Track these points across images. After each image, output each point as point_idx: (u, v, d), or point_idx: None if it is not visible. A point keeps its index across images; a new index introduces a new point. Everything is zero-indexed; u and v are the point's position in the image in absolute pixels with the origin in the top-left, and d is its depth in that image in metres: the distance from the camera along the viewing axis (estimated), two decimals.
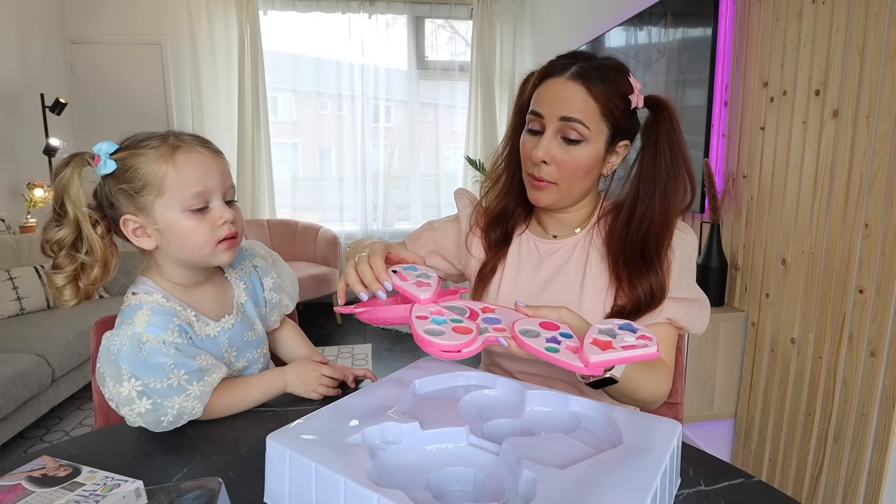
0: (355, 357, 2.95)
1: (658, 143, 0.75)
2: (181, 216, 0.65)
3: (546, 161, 0.75)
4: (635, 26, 2.24)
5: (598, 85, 0.73)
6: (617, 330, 0.56)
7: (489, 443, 0.50)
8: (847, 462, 1.33)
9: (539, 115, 0.76)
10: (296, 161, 3.97)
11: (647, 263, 0.75)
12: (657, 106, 0.77)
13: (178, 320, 0.68)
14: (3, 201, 2.91)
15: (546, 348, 0.54)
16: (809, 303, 1.45)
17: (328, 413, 0.55)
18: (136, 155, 0.64)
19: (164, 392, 0.64)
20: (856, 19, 1.27)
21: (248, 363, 0.78)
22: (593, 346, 0.53)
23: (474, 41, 3.82)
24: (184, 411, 0.65)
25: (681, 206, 0.76)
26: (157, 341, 0.65)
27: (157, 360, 0.64)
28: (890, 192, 1.20)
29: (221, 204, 0.67)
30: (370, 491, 0.41)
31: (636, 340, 0.54)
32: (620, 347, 0.53)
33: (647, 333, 0.55)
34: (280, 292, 0.85)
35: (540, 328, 0.58)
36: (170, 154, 0.64)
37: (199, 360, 0.68)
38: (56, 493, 0.44)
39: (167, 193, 0.64)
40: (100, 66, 3.54)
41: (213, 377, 0.68)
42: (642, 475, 0.43)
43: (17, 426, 1.90)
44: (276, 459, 0.49)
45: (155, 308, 0.67)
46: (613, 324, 0.57)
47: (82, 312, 2.46)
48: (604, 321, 0.58)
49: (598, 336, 0.55)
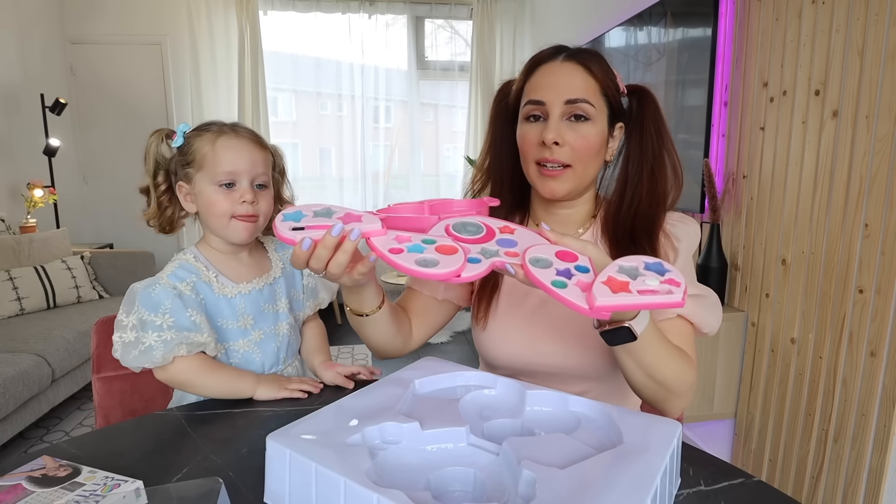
0: (355, 357, 2.95)
1: (644, 126, 0.76)
2: (212, 188, 0.76)
3: (558, 142, 0.72)
4: (635, 26, 2.24)
5: (594, 63, 0.73)
6: (641, 269, 0.49)
7: (489, 443, 0.50)
8: (847, 462, 1.33)
9: (540, 102, 0.73)
10: (296, 161, 3.97)
11: (637, 248, 0.74)
12: (640, 93, 0.78)
13: (196, 278, 0.77)
14: (3, 201, 2.91)
15: (552, 282, 0.48)
16: (809, 303, 1.45)
17: (328, 413, 0.55)
18: (197, 135, 0.77)
19: (148, 326, 0.71)
20: (856, 19, 1.27)
21: (264, 335, 0.82)
22: (605, 286, 0.46)
23: (474, 41, 3.82)
24: (151, 350, 0.71)
25: (668, 188, 0.76)
26: (168, 285, 0.75)
27: (159, 298, 0.73)
28: (890, 192, 1.20)
29: (248, 186, 0.77)
30: (370, 491, 0.40)
31: (659, 285, 0.46)
32: (636, 291, 0.46)
33: (675, 278, 0.47)
34: (317, 280, 0.90)
35: (555, 258, 0.51)
36: (215, 137, 0.76)
37: (192, 316, 0.74)
38: (56, 493, 0.44)
39: (205, 168, 0.76)
40: (100, 66, 3.54)
41: (193, 338, 0.73)
42: (642, 475, 0.42)
43: (17, 426, 1.90)
44: (276, 459, 0.49)
45: (182, 264, 0.79)
46: (639, 261, 0.50)
47: (82, 312, 2.46)
48: (629, 257, 0.51)
49: (614, 274, 0.48)
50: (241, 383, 0.76)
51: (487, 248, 0.53)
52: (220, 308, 0.78)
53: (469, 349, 3.06)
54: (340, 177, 3.95)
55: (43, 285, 2.49)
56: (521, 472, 0.43)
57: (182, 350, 0.72)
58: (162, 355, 0.71)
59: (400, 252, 0.50)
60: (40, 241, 2.65)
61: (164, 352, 0.71)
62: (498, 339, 0.81)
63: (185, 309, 0.74)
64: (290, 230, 0.53)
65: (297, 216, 0.55)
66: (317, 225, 0.53)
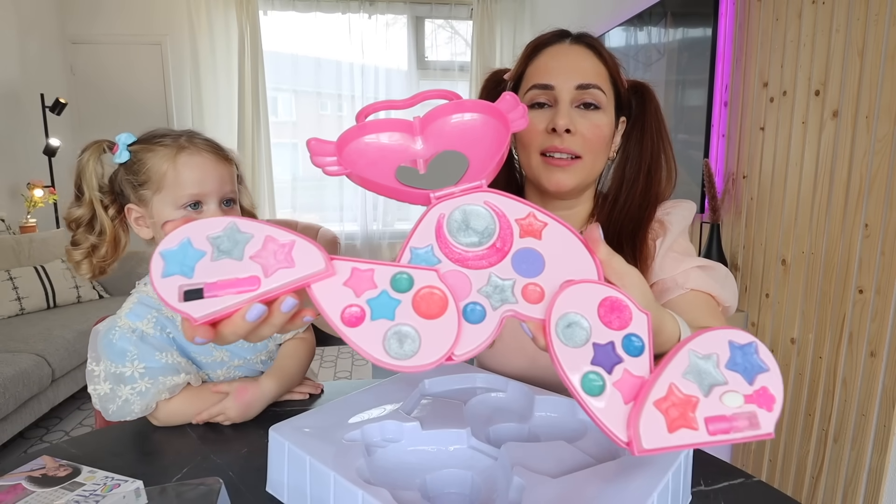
0: (355, 357, 2.95)
1: (645, 124, 0.73)
2: (174, 213, 0.67)
3: (570, 130, 0.66)
4: (635, 26, 2.24)
5: (603, 49, 0.69)
6: (722, 367, 0.32)
7: (489, 446, 0.50)
8: (847, 462, 1.33)
9: (548, 86, 0.67)
10: (296, 161, 3.97)
11: (621, 250, 0.69)
12: (642, 90, 0.74)
13: (158, 313, 0.69)
14: (3, 201, 2.91)
15: (583, 380, 0.32)
16: (809, 303, 1.45)
17: (333, 408, 0.55)
18: (147, 150, 0.68)
19: (120, 378, 0.65)
20: (856, 19, 1.27)
21: (244, 364, 0.77)
22: (659, 412, 0.31)
23: (474, 41, 3.82)
24: (128, 404, 0.65)
25: (662, 190, 0.73)
26: (128, 328, 0.67)
27: (121, 345, 0.66)
28: (890, 192, 1.20)
29: (216, 208, 0.69)
30: (356, 487, 0.41)
31: (742, 406, 0.31)
32: (703, 419, 0.31)
33: (769, 383, 0.32)
34: None
35: (597, 316, 0.34)
36: (174, 154, 0.67)
37: (163, 357, 0.67)
38: (56, 493, 0.44)
39: (164, 190, 0.67)
40: (100, 66, 3.54)
41: (170, 379, 0.66)
42: (638, 490, 0.41)
43: (17, 426, 1.90)
44: (277, 451, 0.50)
45: (141, 298, 0.70)
46: (722, 347, 0.32)
47: (82, 312, 2.46)
48: (703, 337, 0.33)
49: (678, 380, 0.32)
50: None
51: (496, 282, 0.35)
52: (188, 343, 0.67)
53: None
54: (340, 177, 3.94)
55: (43, 285, 2.49)
56: (512, 478, 0.43)
57: (164, 395, 0.66)
58: (142, 408, 0.65)
59: (358, 322, 0.33)
60: (40, 241, 2.65)
61: (143, 404, 0.65)
62: (495, 351, 0.77)
63: (154, 352, 0.66)
64: (182, 295, 0.33)
65: (184, 261, 0.33)
66: (222, 284, 0.33)
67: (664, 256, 0.71)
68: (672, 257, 0.71)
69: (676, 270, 0.69)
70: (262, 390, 0.70)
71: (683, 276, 0.68)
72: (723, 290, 0.68)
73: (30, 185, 2.87)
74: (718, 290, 0.68)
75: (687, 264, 0.69)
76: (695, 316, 0.63)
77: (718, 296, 0.68)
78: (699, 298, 0.67)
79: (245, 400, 0.68)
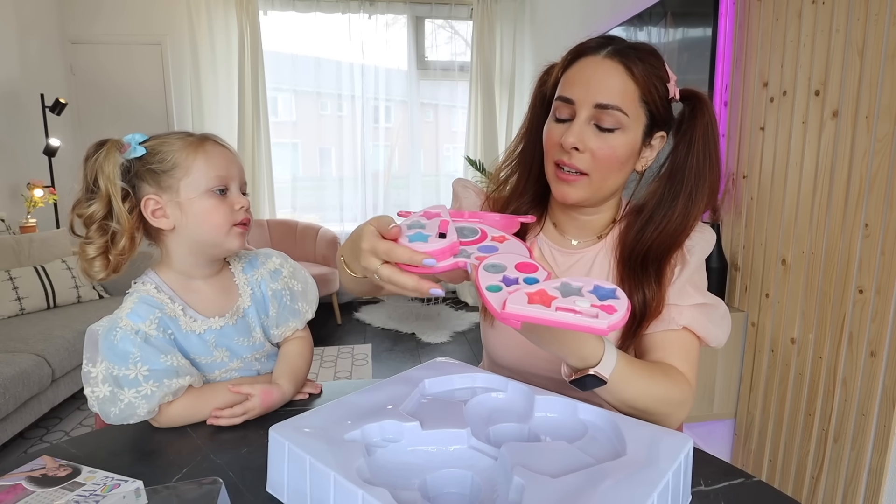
0: (355, 357, 2.95)
1: (693, 140, 0.69)
2: (204, 195, 0.69)
3: (578, 148, 0.66)
4: (635, 26, 2.24)
5: (638, 65, 0.66)
6: (585, 291, 0.44)
7: (489, 447, 0.50)
8: (847, 462, 1.33)
9: (569, 100, 0.67)
10: (296, 161, 3.97)
11: (645, 272, 0.70)
12: (695, 99, 0.71)
13: (161, 313, 0.69)
14: (3, 201, 2.91)
15: (488, 286, 0.45)
16: (809, 303, 1.45)
17: (333, 408, 0.55)
18: (164, 143, 0.70)
19: (122, 381, 0.64)
20: (856, 19, 1.27)
21: (243, 364, 0.77)
22: (525, 294, 0.43)
23: (474, 41, 3.82)
24: (132, 407, 0.64)
25: (700, 214, 0.70)
26: (130, 329, 0.66)
27: (124, 347, 0.65)
28: (890, 192, 1.20)
29: (238, 192, 0.73)
30: (356, 487, 0.41)
31: (588, 308, 0.42)
32: (556, 307, 0.42)
33: (616, 306, 0.42)
34: (290, 304, 0.81)
35: (514, 267, 0.48)
36: (199, 143, 0.71)
37: (167, 359, 0.67)
38: (56, 493, 0.44)
39: (195, 174, 0.69)
40: (100, 66, 3.54)
41: (174, 382, 0.66)
42: (637, 491, 0.41)
43: (17, 426, 1.90)
44: (277, 450, 0.50)
45: (143, 297, 0.70)
46: (590, 283, 0.45)
47: (82, 312, 2.46)
48: (579, 278, 0.46)
49: (549, 288, 0.44)
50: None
51: (467, 251, 0.52)
52: (191, 344, 0.71)
53: (469, 349, 3.06)
54: (340, 177, 3.95)
55: (43, 285, 2.49)
56: (512, 478, 0.43)
57: (168, 398, 0.66)
58: (147, 411, 0.65)
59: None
60: (40, 241, 2.65)
61: (148, 407, 0.65)
62: (505, 338, 0.80)
63: (158, 354, 0.66)
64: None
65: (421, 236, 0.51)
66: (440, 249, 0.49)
67: (681, 289, 0.72)
68: (686, 291, 0.71)
69: (681, 303, 0.71)
70: (283, 393, 0.73)
71: (680, 313, 0.70)
72: (715, 330, 0.71)
73: (30, 185, 2.87)
74: (709, 331, 0.70)
75: (690, 300, 0.71)
76: (668, 353, 0.69)
77: (706, 336, 0.70)
78: (683, 338, 0.70)
79: (271, 402, 0.71)
